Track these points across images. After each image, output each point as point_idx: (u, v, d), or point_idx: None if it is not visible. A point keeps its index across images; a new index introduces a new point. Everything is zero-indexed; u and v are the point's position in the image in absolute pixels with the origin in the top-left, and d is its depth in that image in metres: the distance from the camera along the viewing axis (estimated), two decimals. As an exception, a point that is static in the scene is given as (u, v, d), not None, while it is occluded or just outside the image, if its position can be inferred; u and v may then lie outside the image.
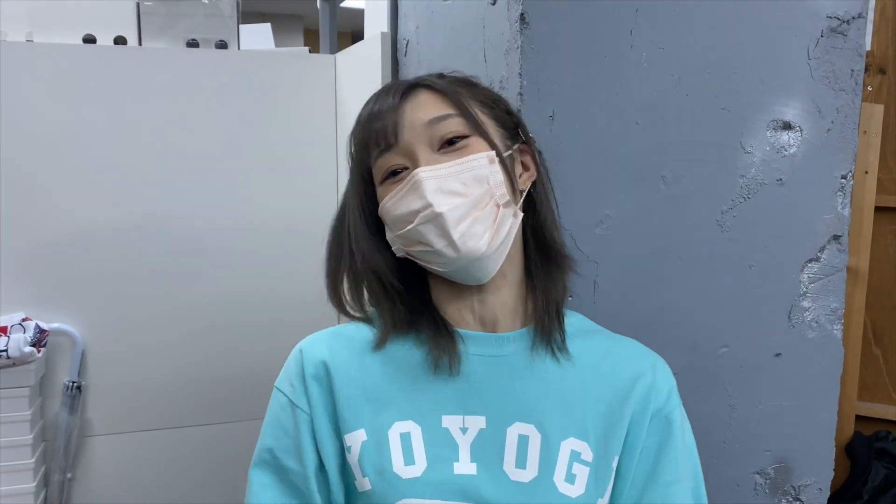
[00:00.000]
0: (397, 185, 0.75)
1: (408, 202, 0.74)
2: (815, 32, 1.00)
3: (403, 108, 0.76)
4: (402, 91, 0.78)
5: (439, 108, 0.76)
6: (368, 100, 0.81)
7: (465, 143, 0.75)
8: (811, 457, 1.08)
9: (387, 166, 0.77)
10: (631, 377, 0.80)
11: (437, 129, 0.75)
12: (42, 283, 1.56)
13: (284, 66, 1.67)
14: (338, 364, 0.79)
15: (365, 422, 0.76)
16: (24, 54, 1.51)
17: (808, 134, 1.02)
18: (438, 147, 0.75)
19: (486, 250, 0.73)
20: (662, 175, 0.97)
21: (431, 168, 0.73)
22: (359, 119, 0.80)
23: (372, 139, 0.77)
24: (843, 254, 1.06)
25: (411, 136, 0.75)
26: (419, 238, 0.74)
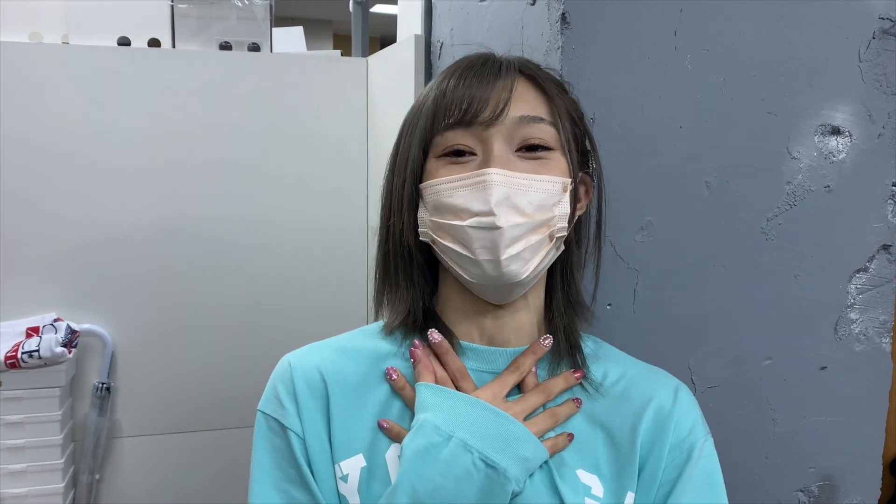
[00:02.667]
0: (457, 167, 0.67)
1: (466, 197, 0.66)
2: (867, 34, 0.97)
3: (503, 90, 0.67)
4: (505, 70, 0.69)
5: (536, 107, 0.69)
6: (455, 65, 0.72)
7: (546, 155, 0.68)
8: (857, 474, 1.05)
9: (453, 142, 0.68)
10: (642, 403, 0.72)
11: (526, 130, 0.67)
12: (74, 284, 1.57)
13: (316, 69, 1.66)
14: (333, 377, 0.71)
15: (363, 446, 0.68)
16: (61, 56, 1.52)
17: (858, 139, 0.98)
18: (517, 147, 0.68)
19: (524, 278, 0.67)
20: (706, 181, 0.94)
21: (507, 173, 0.65)
22: (440, 85, 0.70)
23: (454, 108, 0.67)
24: (893, 264, 1.02)
25: (498, 123, 0.67)
26: (463, 240, 0.66)
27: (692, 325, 0.97)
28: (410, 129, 0.72)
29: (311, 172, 1.69)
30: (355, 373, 0.72)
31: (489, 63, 0.70)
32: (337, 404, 0.70)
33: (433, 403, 0.66)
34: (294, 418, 0.69)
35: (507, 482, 0.63)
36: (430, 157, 0.69)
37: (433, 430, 0.64)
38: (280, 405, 0.70)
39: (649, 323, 0.95)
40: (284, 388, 0.71)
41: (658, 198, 0.93)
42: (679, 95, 0.92)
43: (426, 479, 0.63)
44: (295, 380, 0.71)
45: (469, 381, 0.70)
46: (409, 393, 0.70)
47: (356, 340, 0.76)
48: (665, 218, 0.94)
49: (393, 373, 0.71)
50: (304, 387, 0.70)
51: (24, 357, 1.44)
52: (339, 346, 0.75)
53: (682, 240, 0.95)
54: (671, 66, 0.91)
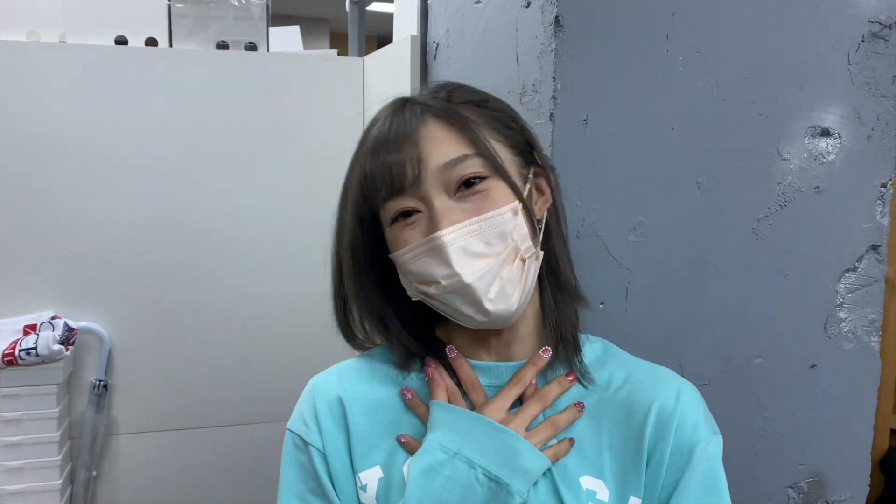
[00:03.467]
0: (409, 229, 0.70)
1: (428, 264, 0.68)
2: (856, 37, 0.98)
3: (412, 147, 0.68)
4: (407, 123, 0.70)
5: (455, 147, 0.69)
6: (369, 126, 0.74)
7: (483, 186, 0.69)
8: (846, 471, 1.06)
9: (396, 209, 0.70)
10: (645, 407, 0.73)
11: (454, 172, 0.68)
12: (71, 281, 1.57)
13: (313, 69, 1.67)
14: (352, 398, 0.76)
15: (380, 458, 0.73)
16: (58, 55, 1.52)
17: (848, 141, 1.00)
18: (455, 190, 0.68)
19: (515, 310, 0.69)
20: (698, 181, 0.95)
21: (453, 229, 0.67)
22: (361, 150, 0.73)
23: (380, 181, 0.69)
24: (881, 264, 1.04)
25: (426, 180, 0.68)
26: (446, 303, 0.70)
27: (684, 324, 0.98)
28: (343, 202, 0.77)
29: (307, 171, 1.69)
30: (373, 391, 0.77)
31: (394, 121, 0.71)
32: (356, 421, 0.75)
33: (441, 422, 0.71)
34: (315, 436, 0.74)
35: (511, 496, 0.66)
36: (385, 225, 0.72)
37: (439, 448, 0.69)
38: (304, 424, 0.76)
39: (641, 322, 0.96)
40: (308, 408, 0.76)
41: (650, 198, 0.94)
42: (671, 97, 0.93)
43: (432, 494, 0.67)
44: (317, 400, 0.76)
45: (480, 392, 0.75)
46: (423, 410, 0.75)
47: (374, 359, 0.81)
48: (657, 218, 0.95)
49: (407, 392, 0.76)
50: (325, 406, 0.76)
51: (22, 354, 1.44)
52: (358, 367, 0.80)
53: (674, 240, 0.96)
54: (663, 69, 0.92)
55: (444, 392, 0.74)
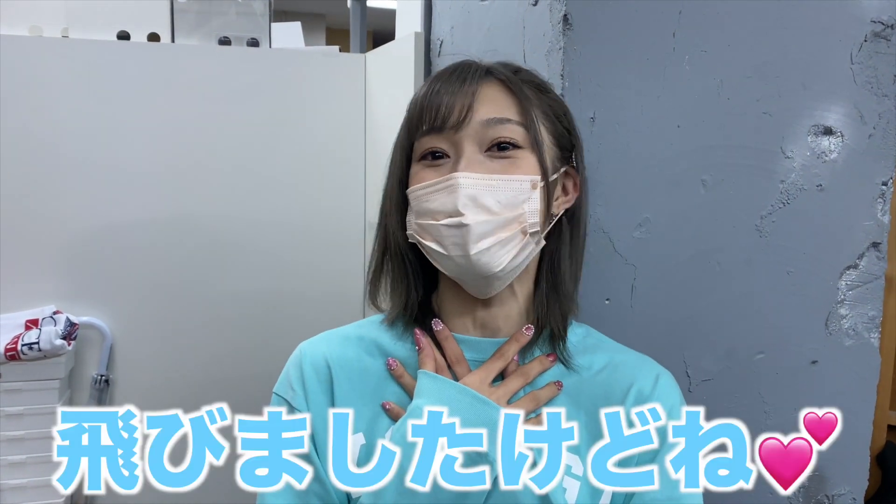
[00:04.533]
0: (432, 170, 0.73)
1: (438, 199, 0.71)
2: (859, 37, 0.99)
3: (466, 95, 0.71)
4: (471, 76, 0.73)
5: (503, 109, 0.72)
6: (434, 75, 0.76)
7: (515, 153, 0.72)
8: (845, 466, 1.07)
9: (428, 146, 0.73)
10: (623, 388, 0.76)
11: (493, 131, 0.71)
12: (73, 276, 1.57)
13: (315, 65, 1.67)
14: (338, 364, 0.78)
15: (363, 425, 0.75)
16: (60, 50, 1.52)
17: (850, 139, 1.01)
18: (487, 147, 0.71)
19: (498, 271, 0.71)
20: (703, 179, 0.96)
21: (472, 175, 0.70)
22: (416, 94, 0.76)
23: (425, 116, 0.72)
24: (882, 261, 1.05)
25: (466, 128, 0.71)
26: (439, 238, 0.72)
27: (688, 320, 0.99)
28: (397, 136, 0.78)
29: (309, 167, 1.69)
30: (359, 359, 0.79)
31: (458, 70, 0.74)
32: (341, 387, 0.76)
33: (427, 390, 0.73)
34: (301, 400, 0.77)
35: (491, 465, 0.68)
36: (413, 161, 0.75)
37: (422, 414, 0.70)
38: (290, 388, 0.78)
39: (646, 317, 0.97)
40: (295, 372, 0.79)
41: (656, 195, 0.95)
42: (677, 95, 0.94)
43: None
44: (304, 365, 0.78)
45: (464, 366, 0.76)
46: (408, 380, 0.77)
47: (362, 329, 0.82)
48: (662, 215, 0.96)
49: (392, 363, 0.78)
50: (312, 372, 0.77)
51: (24, 349, 1.44)
52: (346, 335, 0.82)
53: (679, 236, 0.97)
54: (670, 67, 0.93)
55: (432, 362, 0.75)
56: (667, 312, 0.98)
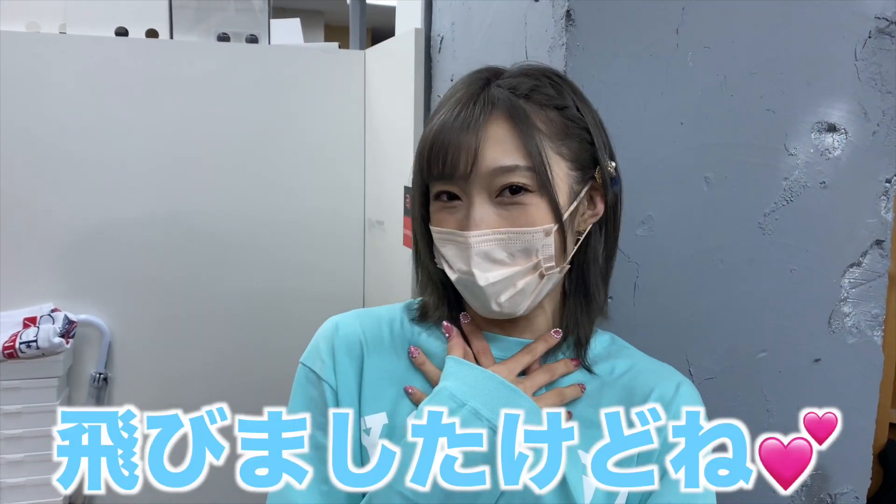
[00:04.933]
0: (447, 213, 0.72)
1: (452, 252, 0.72)
2: (863, 33, 0.98)
3: (470, 141, 0.69)
4: (477, 114, 0.70)
5: (510, 152, 0.69)
6: (445, 100, 0.74)
7: (525, 199, 0.69)
8: (848, 465, 1.07)
9: (441, 189, 0.72)
10: (644, 393, 0.75)
11: (501, 178, 0.69)
12: (71, 274, 1.57)
13: (314, 62, 1.66)
14: (371, 343, 0.78)
15: (387, 406, 0.75)
16: (58, 46, 1.51)
17: (853, 136, 1.00)
18: (497, 193, 0.69)
19: (522, 313, 0.72)
20: (706, 176, 0.95)
21: (482, 233, 0.69)
22: (426, 129, 0.74)
23: (433, 163, 0.71)
24: (885, 259, 1.04)
25: (473, 177, 0.69)
26: (459, 285, 0.73)
27: (690, 318, 0.98)
28: (413, 176, 0.76)
29: (309, 164, 1.69)
30: (391, 342, 0.79)
31: (466, 102, 0.71)
32: (370, 365, 0.76)
33: (454, 373, 0.72)
34: (330, 372, 0.76)
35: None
36: (431, 197, 0.74)
37: (449, 397, 0.70)
38: (319, 359, 0.77)
39: (649, 315, 0.97)
40: (326, 344, 0.78)
41: (659, 193, 0.94)
42: (680, 92, 0.93)
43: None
44: (336, 339, 0.78)
45: (490, 358, 0.76)
46: (429, 368, 0.77)
47: (394, 313, 0.82)
48: (665, 213, 0.95)
49: (414, 351, 0.78)
50: (343, 346, 0.77)
51: (22, 347, 1.44)
52: (379, 316, 0.82)
53: (682, 234, 0.96)
54: (673, 64, 0.92)
55: (461, 349, 0.75)
56: (669, 310, 0.98)
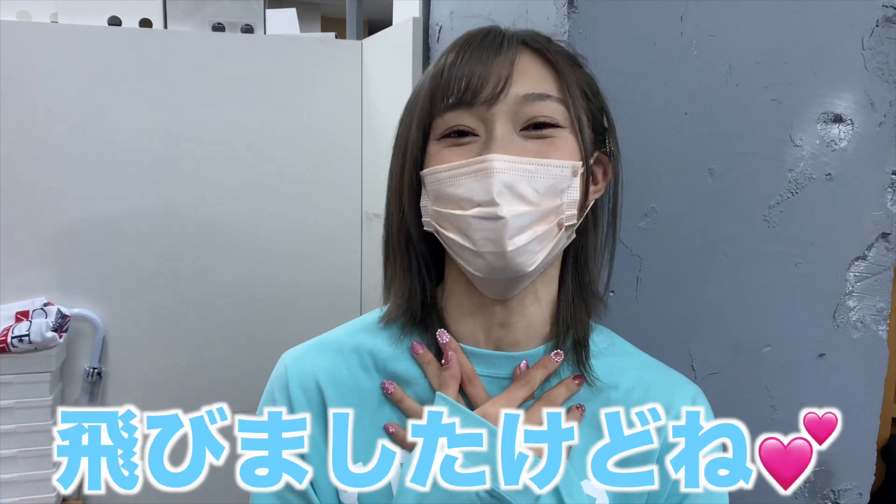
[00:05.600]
0: (457, 150, 0.63)
1: (467, 185, 0.61)
2: (870, 22, 0.97)
3: (504, 65, 0.62)
4: (507, 43, 0.64)
5: (541, 83, 0.63)
6: (461, 40, 0.66)
7: (554, 133, 0.63)
8: (852, 461, 1.05)
9: (453, 123, 0.63)
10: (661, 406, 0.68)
11: (530, 108, 0.62)
12: (64, 268, 1.55)
13: (311, 52, 1.64)
14: (331, 382, 0.68)
15: (361, 455, 0.66)
16: (49, 35, 1.49)
17: (860, 127, 0.98)
18: (523, 126, 0.63)
19: (531, 270, 0.63)
20: (710, 168, 0.94)
21: (510, 158, 0.61)
22: (439, 62, 0.66)
23: (452, 87, 0.62)
24: (891, 252, 1.03)
25: (500, 102, 0.62)
26: (466, 230, 0.62)
27: (694, 312, 0.97)
28: (410, 110, 0.68)
29: (305, 156, 1.67)
30: (354, 377, 0.69)
31: (490, 36, 0.65)
32: (339, 397, 0.68)
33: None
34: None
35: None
36: (431, 139, 0.65)
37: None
38: (278, 403, 0.69)
39: (651, 309, 0.95)
40: (281, 394, 0.69)
41: (662, 184, 0.93)
42: (684, 82, 0.91)
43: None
44: (290, 387, 0.69)
45: (478, 387, 0.67)
46: (409, 405, 0.68)
47: (357, 336, 0.73)
48: (668, 205, 0.93)
49: (389, 386, 0.68)
50: (301, 394, 0.68)
51: (14, 342, 1.42)
52: (338, 345, 0.72)
53: (685, 227, 0.94)
54: (677, 52, 0.90)
55: (456, 385, 0.66)
56: (672, 304, 0.96)
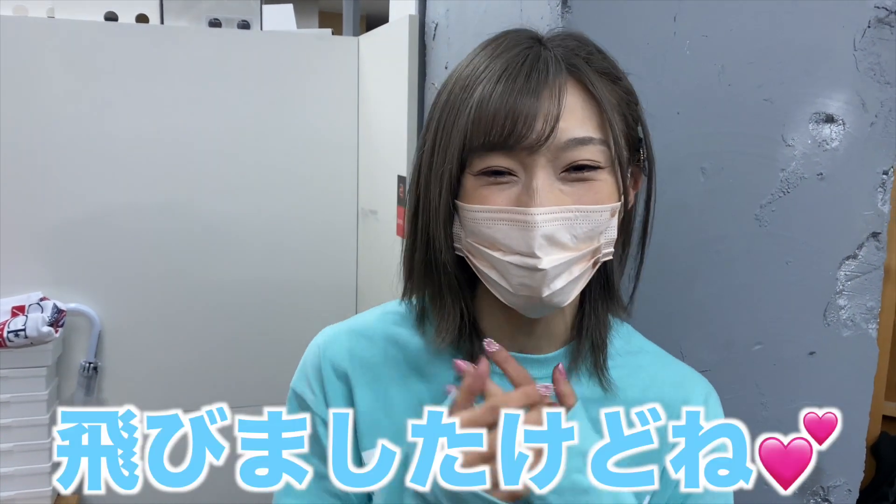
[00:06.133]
0: (496, 190, 0.61)
1: (506, 231, 0.61)
2: (862, 23, 0.97)
3: (556, 101, 0.59)
4: (553, 73, 0.60)
5: (585, 123, 0.60)
6: (497, 60, 0.61)
7: (594, 175, 0.61)
8: (841, 458, 1.06)
9: (490, 164, 0.61)
10: (675, 407, 0.69)
11: (573, 153, 0.60)
12: (60, 263, 1.55)
13: (307, 48, 1.64)
14: (359, 371, 0.71)
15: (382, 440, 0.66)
16: (46, 31, 1.49)
17: (851, 127, 0.99)
18: (562, 169, 0.61)
19: (565, 306, 0.64)
20: (702, 167, 0.94)
21: (550, 210, 0.59)
22: (482, 88, 0.61)
23: (494, 125, 0.59)
24: (881, 251, 1.03)
25: (545, 147, 0.59)
26: (503, 271, 0.62)
27: (685, 310, 0.97)
28: (446, 133, 0.63)
29: (301, 152, 1.67)
30: (384, 364, 0.72)
31: (537, 65, 0.61)
32: (363, 396, 0.70)
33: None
34: (321, 404, 0.71)
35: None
36: (467, 171, 0.63)
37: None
38: (311, 390, 0.72)
39: (643, 307, 0.95)
40: (314, 372, 0.72)
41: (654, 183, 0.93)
42: (677, 81, 0.92)
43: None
44: (323, 367, 0.72)
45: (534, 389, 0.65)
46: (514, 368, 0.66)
47: (387, 326, 0.74)
48: (661, 203, 0.93)
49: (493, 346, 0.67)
50: (332, 374, 0.71)
51: (10, 336, 1.42)
52: (372, 333, 0.73)
53: (678, 225, 0.95)
54: (670, 52, 0.91)
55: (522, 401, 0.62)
56: (664, 302, 0.97)
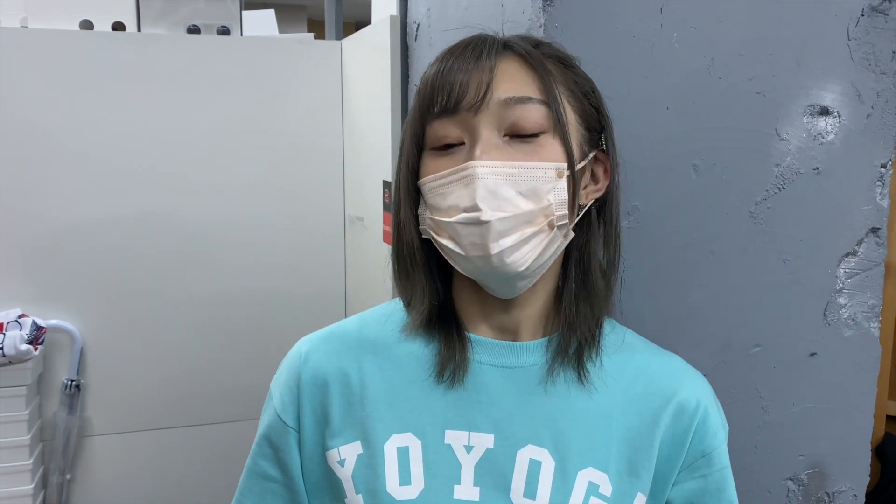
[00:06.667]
0: (445, 159, 0.66)
1: (453, 193, 0.64)
2: (856, 11, 0.94)
3: (483, 72, 0.64)
4: (488, 51, 0.66)
5: (523, 87, 0.65)
6: (446, 51, 0.69)
7: (539, 140, 0.65)
8: (846, 462, 1.03)
9: (441, 134, 0.66)
10: (664, 398, 0.71)
11: (513, 112, 0.64)
12: (39, 278, 1.52)
13: (289, 53, 1.61)
14: (337, 373, 0.71)
15: (361, 433, 0.69)
16: (19, 41, 1.46)
17: (847, 120, 0.96)
18: (507, 132, 0.65)
19: (522, 270, 0.65)
20: (694, 164, 0.91)
21: (490, 163, 0.63)
22: (426, 73, 0.68)
23: (437, 97, 0.65)
24: (881, 247, 1.00)
25: (483, 109, 0.64)
26: (455, 236, 0.65)
27: (680, 312, 0.94)
28: (407, 120, 0.71)
29: (285, 159, 1.64)
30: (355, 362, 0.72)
31: (473, 44, 0.67)
32: (339, 396, 0.71)
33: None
34: (292, 414, 0.72)
35: None
36: (425, 150, 0.68)
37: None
38: (282, 398, 0.73)
39: (637, 310, 0.92)
40: (290, 381, 0.73)
41: (645, 182, 0.90)
42: (666, 75, 0.89)
43: None
44: (302, 373, 0.72)
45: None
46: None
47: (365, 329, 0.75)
48: (652, 203, 0.91)
49: None
50: (309, 381, 0.72)
51: (-12, 355, 1.38)
52: (337, 334, 0.75)
53: (670, 225, 0.92)
54: (657, 45, 0.88)
55: None
56: (658, 305, 0.93)
